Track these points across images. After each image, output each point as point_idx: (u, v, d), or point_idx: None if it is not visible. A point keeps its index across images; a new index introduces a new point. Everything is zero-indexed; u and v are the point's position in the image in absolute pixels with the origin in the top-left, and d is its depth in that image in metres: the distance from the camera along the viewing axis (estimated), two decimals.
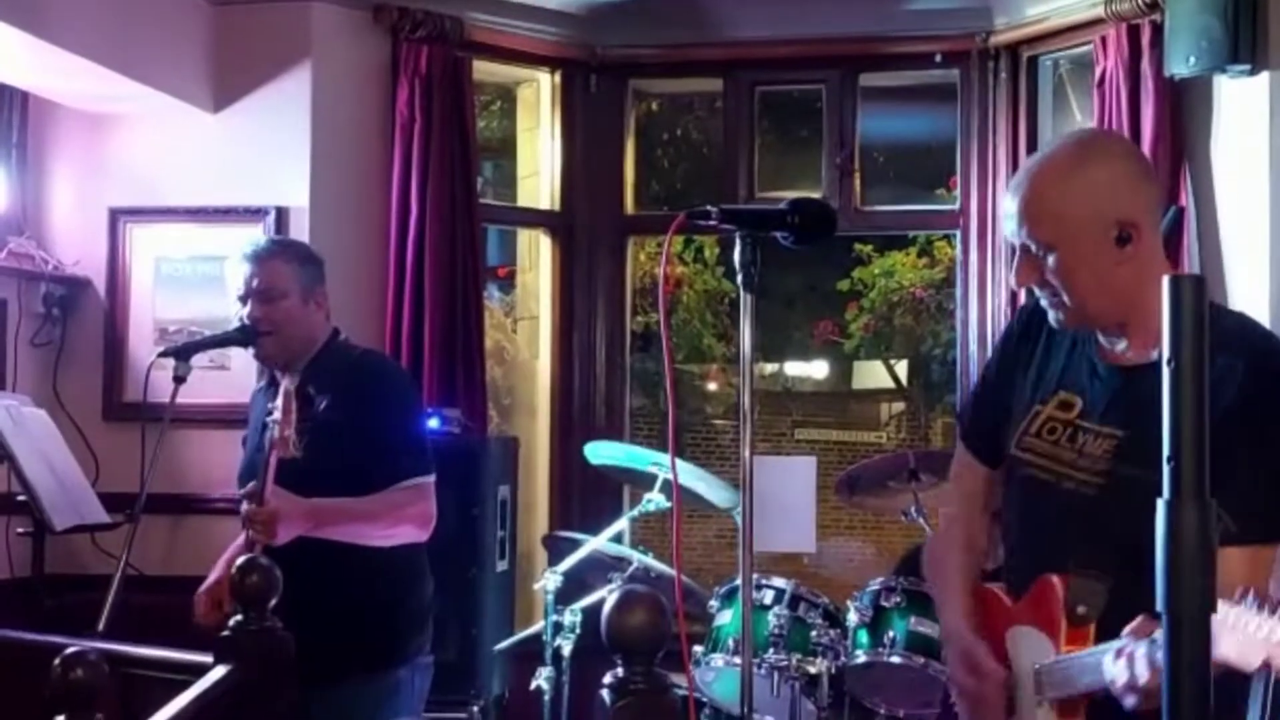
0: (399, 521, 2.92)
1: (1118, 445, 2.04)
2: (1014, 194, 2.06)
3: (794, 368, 11.66)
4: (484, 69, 4.79)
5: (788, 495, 4.29)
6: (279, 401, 2.78)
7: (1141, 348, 2.05)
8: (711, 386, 10.83)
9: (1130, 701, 1.84)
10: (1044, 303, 2.09)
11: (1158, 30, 4.03)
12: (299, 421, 2.94)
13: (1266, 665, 1.65)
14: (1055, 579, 2.04)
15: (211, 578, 2.97)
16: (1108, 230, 2.00)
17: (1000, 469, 2.25)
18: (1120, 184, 2.04)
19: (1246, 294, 3.96)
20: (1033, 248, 2.02)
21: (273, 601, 2.22)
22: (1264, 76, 3.92)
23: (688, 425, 10.43)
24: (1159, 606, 1.30)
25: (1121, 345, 2.08)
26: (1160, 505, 1.29)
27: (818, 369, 11.80)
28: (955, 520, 2.38)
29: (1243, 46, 3.84)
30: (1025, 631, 2.13)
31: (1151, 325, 1.77)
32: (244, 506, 2.81)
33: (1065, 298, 2.03)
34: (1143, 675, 1.79)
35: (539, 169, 5.02)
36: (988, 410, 2.28)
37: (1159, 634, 1.59)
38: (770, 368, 11.33)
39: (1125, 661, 1.83)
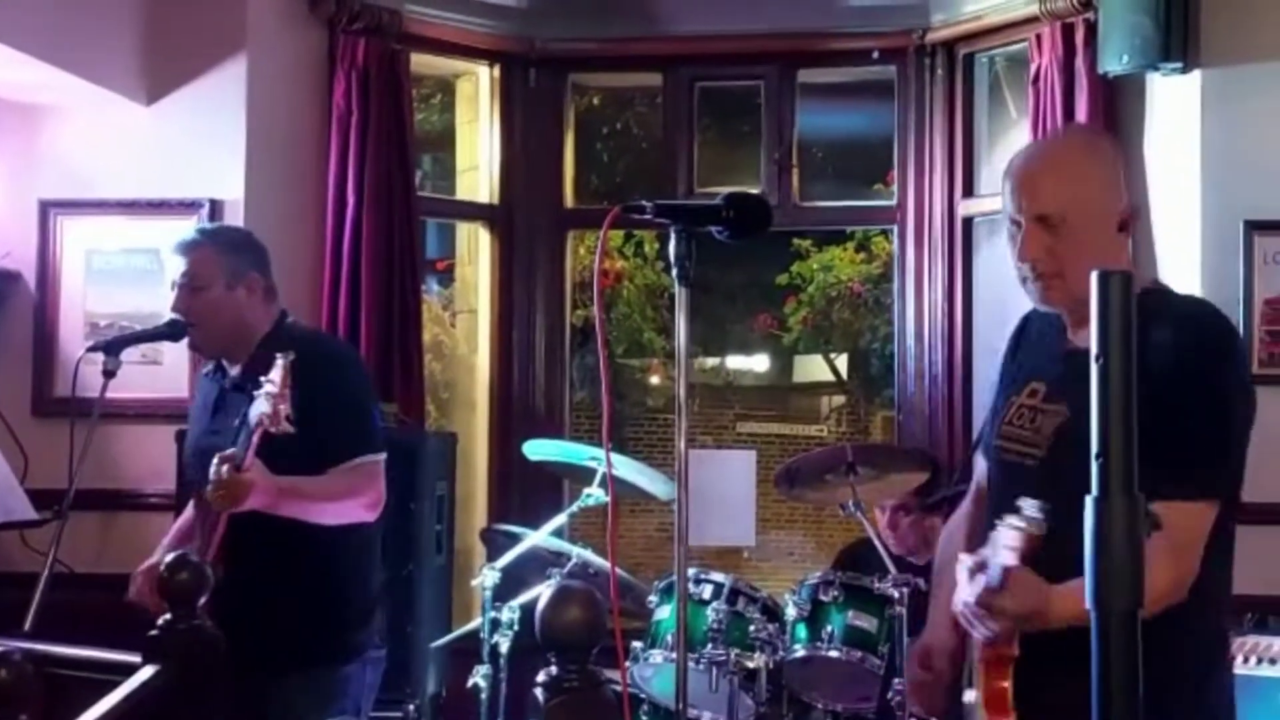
0: (351, 503, 2.87)
1: (1063, 421, 2.17)
2: (1029, 167, 2.19)
3: (735, 361, 11.70)
4: (422, 62, 4.75)
5: (727, 489, 4.29)
6: (275, 375, 2.70)
7: None
8: (653, 380, 10.85)
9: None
10: (1033, 281, 2.17)
11: (1091, 29, 4.07)
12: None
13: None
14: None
15: (155, 557, 2.85)
16: (1113, 215, 2.17)
17: None
18: (1122, 179, 2.23)
19: (1178, 290, 4.00)
20: (1048, 216, 2.12)
21: (202, 599, 2.19)
22: (1195, 75, 3.98)
23: (629, 419, 10.43)
24: (1087, 603, 1.31)
25: (1082, 332, 2.18)
26: (1089, 502, 1.30)
27: (759, 363, 11.84)
28: (963, 519, 2.48)
29: (1174, 45, 3.90)
30: None
31: None
32: (214, 469, 2.69)
33: (1065, 269, 2.13)
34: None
35: (478, 162, 4.99)
36: None
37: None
38: (712, 361, 11.36)
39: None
